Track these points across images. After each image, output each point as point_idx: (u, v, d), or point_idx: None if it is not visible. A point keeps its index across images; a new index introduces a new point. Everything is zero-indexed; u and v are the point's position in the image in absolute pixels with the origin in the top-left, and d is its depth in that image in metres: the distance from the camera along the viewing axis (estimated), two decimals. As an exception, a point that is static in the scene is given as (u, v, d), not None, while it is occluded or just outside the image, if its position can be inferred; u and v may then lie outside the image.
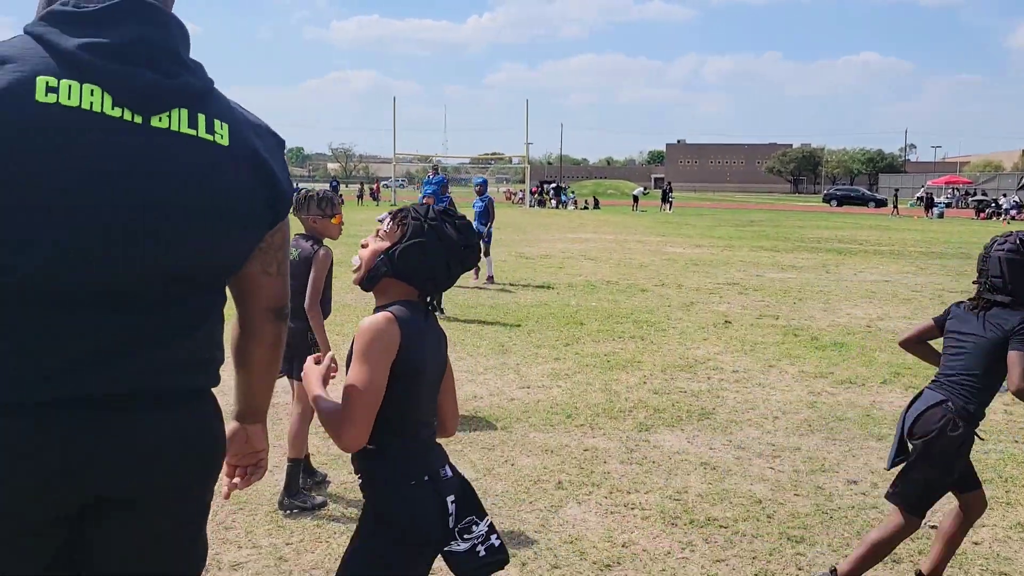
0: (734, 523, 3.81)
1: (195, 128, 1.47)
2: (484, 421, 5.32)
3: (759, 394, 6.11)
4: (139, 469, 1.45)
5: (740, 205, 59.24)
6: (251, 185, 1.55)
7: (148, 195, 1.41)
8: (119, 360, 1.42)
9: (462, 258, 1.99)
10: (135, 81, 1.40)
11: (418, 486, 1.89)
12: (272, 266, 1.67)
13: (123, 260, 1.40)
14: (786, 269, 15.04)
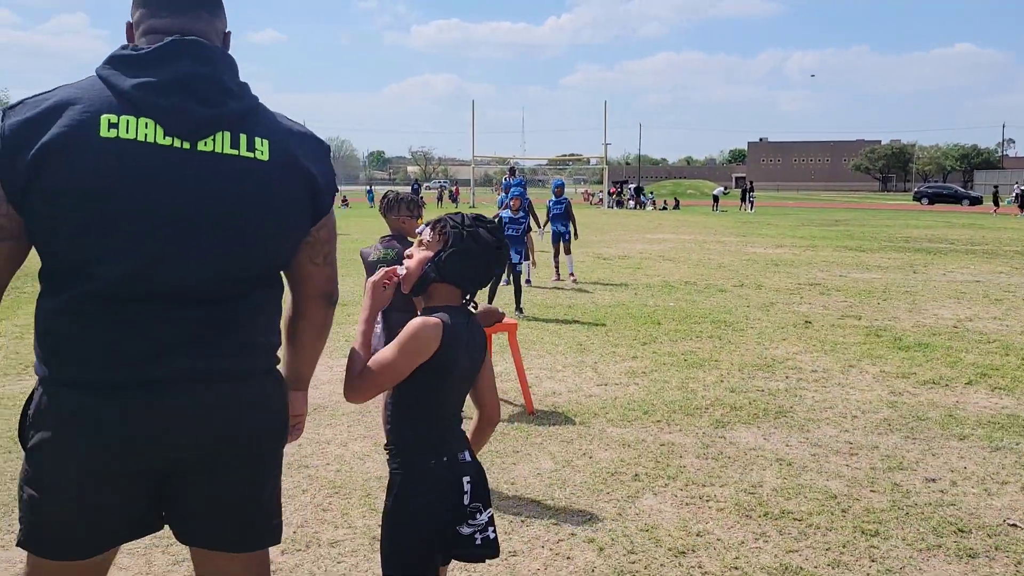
0: (808, 516, 3.89)
1: (237, 148, 1.71)
2: (563, 416, 5.49)
3: (838, 393, 6.11)
4: (213, 438, 1.73)
5: (825, 204, 57.77)
6: (292, 191, 1.78)
7: (200, 211, 1.67)
8: (191, 348, 1.69)
9: (498, 258, 2.23)
10: (180, 113, 1.65)
11: (437, 466, 2.12)
12: (319, 257, 1.91)
13: (184, 268, 1.67)
14: (871, 269, 14.73)
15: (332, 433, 5.11)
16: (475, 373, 2.25)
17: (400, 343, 2.07)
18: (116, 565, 3.33)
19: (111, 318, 1.64)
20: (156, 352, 1.66)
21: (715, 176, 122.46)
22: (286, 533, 3.66)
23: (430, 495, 2.11)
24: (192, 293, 1.70)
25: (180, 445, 1.71)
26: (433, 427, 2.16)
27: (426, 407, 2.15)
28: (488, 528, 2.18)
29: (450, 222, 2.20)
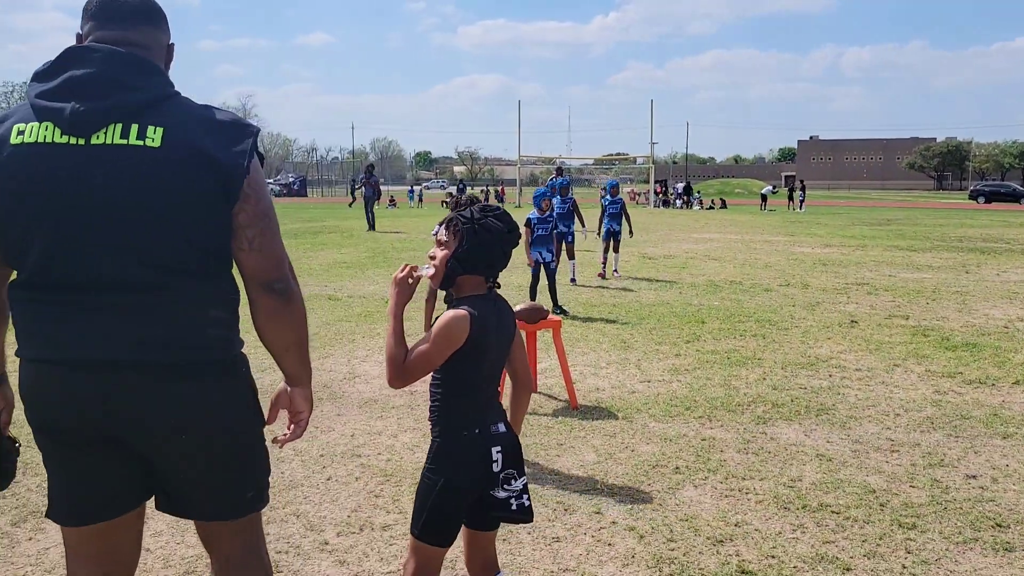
0: (846, 509, 3.97)
1: (126, 138, 1.80)
2: (606, 411, 5.62)
3: (881, 392, 6.14)
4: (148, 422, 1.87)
5: (877, 203, 56.74)
6: (188, 176, 1.81)
7: (97, 201, 1.79)
8: (111, 334, 1.82)
9: (511, 240, 2.44)
10: (69, 112, 1.79)
11: (468, 437, 2.39)
12: (244, 243, 1.90)
13: (89, 256, 1.80)
14: (921, 269, 14.54)
15: (383, 425, 5.31)
16: (506, 348, 2.51)
17: (434, 335, 2.33)
18: (183, 544, 3.57)
19: (39, 305, 1.85)
20: (85, 337, 1.82)
21: (764, 175, 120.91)
22: (340, 516, 3.87)
23: (459, 462, 2.39)
24: (102, 281, 1.82)
25: (119, 423, 1.87)
26: (467, 402, 2.42)
27: (461, 386, 2.41)
28: (523, 495, 2.46)
29: (460, 220, 2.43)
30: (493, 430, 2.43)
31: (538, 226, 9.44)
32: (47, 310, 1.86)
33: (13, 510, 3.89)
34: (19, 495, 4.06)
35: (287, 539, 3.64)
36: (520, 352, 2.60)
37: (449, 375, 2.41)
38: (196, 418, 1.92)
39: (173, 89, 1.94)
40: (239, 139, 1.90)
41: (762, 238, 22.34)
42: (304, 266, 14.45)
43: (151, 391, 1.86)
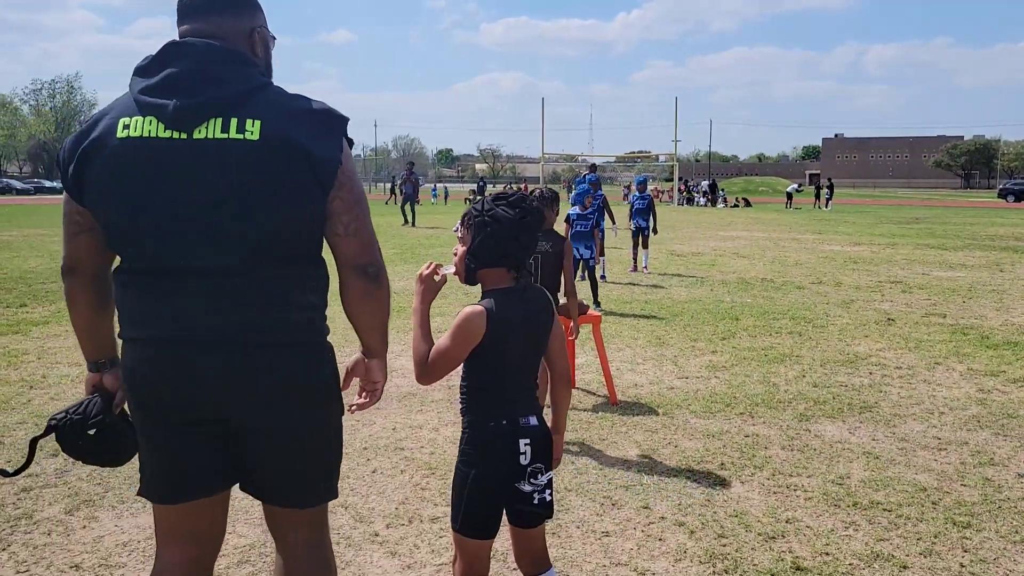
0: (898, 507, 3.92)
1: (227, 131, 1.87)
2: (646, 407, 5.59)
3: (924, 390, 6.06)
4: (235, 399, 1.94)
5: (903, 201, 56.13)
6: (285, 167, 1.87)
7: (198, 190, 1.86)
8: (209, 316, 1.89)
9: (526, 227, 2.37)
10: (168, 109, 1.86)
11: (495, 428, 2.37)
12: (339, 228, 1.97)
13: (189, 241, 1.88)
14: (954, 268, 14.36)
15: (424, 419, 5.31)
16: (538, 340, 2.46)
17: (452, 332, 2.32)
18: (235, 533, 3.58)
19: (144, 290, 1.93)
20: (184, 317, 1.90)
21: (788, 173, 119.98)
22: (388, 508, 3.87)
23: (487, 454, 2.38)
24: (199, 266, 1.89)
25: (211, 401, 1.94)
26: (493, 395, 2.40)
27: (486, 379, 2.40)
28: (546, 490, 2.44)
29: (472, 212, 2.42)
30: (523, 422, 2.40)
31: (577, 222, 9.42)
32: (148, 293, 1.93)
33: (66, 498, 3.93)
34: (70, 484, 4.11)
35: (337, 530, 3.64)
36: (558, 344, 2.54)
37: (474, 369, 2.41)
38: (282, 396, 1.97)
39: (265, 79, 1.98)
40: (332, 130, 1.96)
41: (790, 236, 22.16)
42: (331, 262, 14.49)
43: (242, 369, 1.93)
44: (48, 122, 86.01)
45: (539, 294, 2.49)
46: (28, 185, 65.10)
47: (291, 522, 2.12)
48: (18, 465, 2.15)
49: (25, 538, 3.52)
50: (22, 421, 5.09)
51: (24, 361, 6.69)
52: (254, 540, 3.52)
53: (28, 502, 3.88)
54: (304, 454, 2.06)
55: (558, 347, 2.53)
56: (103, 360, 2.16)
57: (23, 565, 3.29)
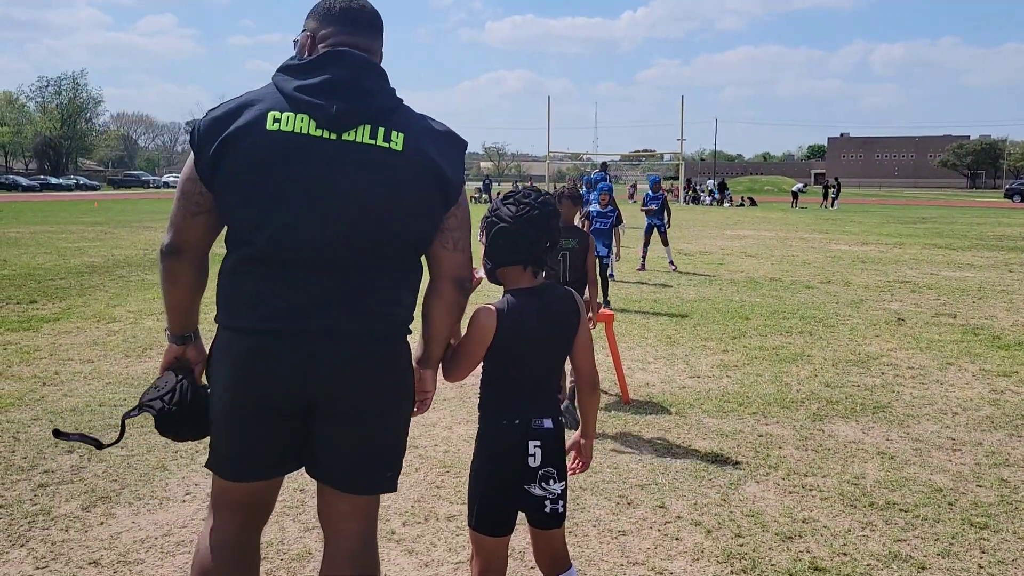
0: (914, 508, 3.91)
1: (375, 139, 1.99)
2: (658, 406, 5.59)
3: (937, 390, 6.05)
4: (339, 387, 2.03)
5: (910, 201, 56.01)
6: (419, 179, 2.02)
7: (340, 189, 1.97)
8: (327, 307, 1.99)
9: (532, 222, 2.37)
10: (326, 110, 1.96)
11: (507, 426, 2.38)
12: (448, 243, 2.13)
13: (323, 234, 1.97)
14: (963, 268, 14.33)
15: (437, 417, 5.31)
16: (560, 342, 2.46)
17: (467, 331, 2.37)
18: (253, 530, 3.59)
19: (260, 279, 2.00)
20: (294, 308, 1.98)
21: (793, 172, 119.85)
22: (404, 507, 3.87)
23: (496, 451, 2.40)
24: (325, 259, 1.98)
25: (312, 390, 2.02)
26: (506, 394, 2.42)
27: (502, 377, 2.42)
28: (559, 501, 2.42)
29: (485, 214, 2.47)
30: (535, 424, 2.38)
31: (597, 219, 9.43)
32: (267, 282, 2.01)
33: (82, 495, 3.94)
34: (87, 480, 4.11)
35: (353, 528, 3.64)
36: (584, 348, 2.51)
37: (489, 367, 2.43)
38: (376, 386, 2.08)
39: (400, 99, 2.13)
40: (459, 152, 2.14)
41: (797, 235, 22.12)
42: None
43: (351, 360, 2.03)
44: (54, 119, 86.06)
45: (564, 295, 2.48)
46: (34, 182, 65.26)
47: (348, 512, 2.19)
48: (113, 439, 2.25)
49: (43, 534, 3.53)
50: (36, 417, 5.10)
51: (36, 358, 6.71)
52: (271, 538, 3.52)
53: (45, 498, 3.89)
54: (379, 442, 2.15)
55: (584, 351, 2.51)
56: (188, 334, 2.25)
57: (42, 561, 3.29)
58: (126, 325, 8.16)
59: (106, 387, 5.82)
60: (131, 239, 17.91)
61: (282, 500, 3.91)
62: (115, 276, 11.85)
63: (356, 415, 2.08)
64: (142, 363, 6.56)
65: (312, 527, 3.62)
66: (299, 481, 4.15)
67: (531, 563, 3.31)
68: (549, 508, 2.41)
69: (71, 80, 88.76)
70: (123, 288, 10.67)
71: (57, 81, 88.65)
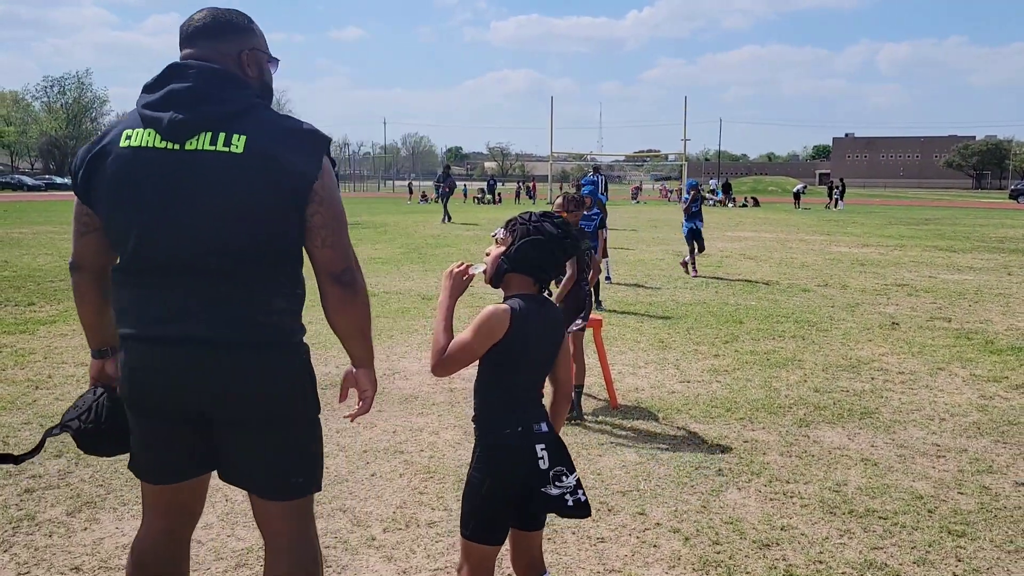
0: (894, 515, 3.93)
1: (215, 144, 2.03)
2: (646, 411, 5.61)
3: (926, 396, 6.06)
4: (218, 396, 2.07)
5: (914, 202, 55.89)
6: (263, 180, 2.02)
7: (184, 197, 2.02)
8: (196, 314, 2.04)
9: (564, 248, 2.48)
10: (164, 122, 2.04)
11: (511, 433, 2.40)
12: (317, 240, 2.11)
13: (178, 243, 2.03)
14: (963, 270, 14.31)
15: (424, 422, 5.34)
16: (551, 355, 2.52)
17: (475, 326, 2.37)
18: (234, 536, 3.63)
19: (132, 288, 2.10)
20: (165, 315, 2.06)
21: (798, 172, 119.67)
22: (386, 512, 3.90)
23: (503, 460, 2.41)
24: (188, 267, 2.04)
25: (191, 393, 2.07)
26: (508, 401, 2.44)
27: (501, 383, 2.44)
28: (578, 491, 2.44)
29: (519, 219, 2.53)
30: (536, 429, 2.43)
31: (582, 223, 9.46)
32: (139, 292, 2.10)
33: (67, 500, 3.98)
34: (72, 485, 4.15)
35: (334, 534, 3.68)
36: (565, 360, 2.61)
37: (490, 372, 2.45)
38: (258, 394, 2.09)
39: (258, 101, 2.15)
40: (312, 148, 2.12)
41: (798, 237, 22.11)
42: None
43: (223, 368, 2.06)
44: (59, 118, 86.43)
45: (554, 309, 2.56)
46: (39, 181, 65.50)
47: (274, 513, 2.23)
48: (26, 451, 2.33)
49: (27, 539, 3.57)
50: (27, 421, 5.14)
51: (31, 361, 6.75)
52: (252, 543, 3.55)
53: (31, 503, 3.93)
54: (278, 449, 2.17)
55: (564, 363, 2.60)
56: (105, 348, 2.35)
57: (24, 567, 3.33)
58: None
59: (98, 391, 5.85)
60: (132, 240, 17.96)
61: (265, 506, 3.95)
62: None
63: (248, 424, 2.12)
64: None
65: (293, 533, 3.66)
66: (283, 487, 4.19)
67: (507, 569, 3.35)
68: (572, 500, 2.43)
69: (76, 80, 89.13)
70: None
71: (62, 81, 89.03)
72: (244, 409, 2.10)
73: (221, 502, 3.97)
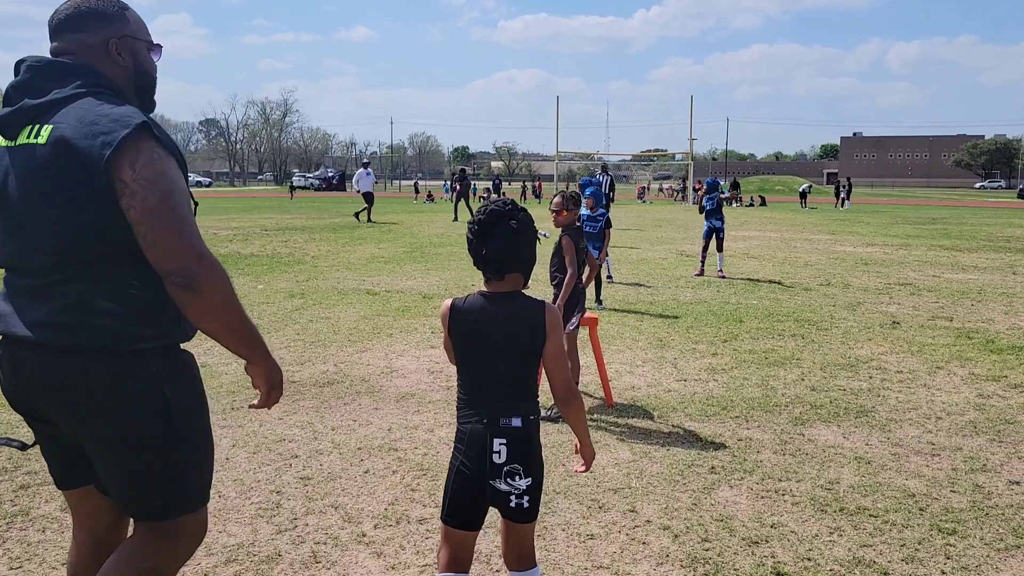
0: (884, 513, 3.92)
1: (32, 137, 2.00)
2: (641, 410, 5.62)
3: (923, 395, 6.05)
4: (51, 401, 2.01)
5: (921, 201, 55.68)
6: (59, 170, 1.93)
7: (11, 194, 2.01)
8: (26, 315, 2.00)
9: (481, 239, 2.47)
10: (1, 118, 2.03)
11: (474, 424, 2.46)
12: (141, 239, 1.93)
13: (12, 240, 2.03)
14: (967, 270, 14.26)
15: (420, 419, 5.36)
16: (520, 351, 2.48)
17: None
18: (225, 532, 3.65)
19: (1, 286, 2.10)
20: (8, 316, 2.04)
21: (805, 172, 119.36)
22: (378, 509, 3.92)
23: (464, 447, 2.48)
24: (25, 267, 2.02)
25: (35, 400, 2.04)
26: (473, 392, 2.49)
27: (464, 375, 2.52)
28: (524, 496, 2.46)
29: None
30: (503, 423, 2.44)
31: (587, 223, 9.49)
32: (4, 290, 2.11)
33: (62, 496, 4.00)
34: (68, 481, 4.18)
35: (325, 530, 3.70)
36: (553, 363, 2.50)
37: (458, 366, 2.54)
38: (89, 406, 1.99)
39: (86, 89, 2.04)
40: (109, 132, 1.93)
41: (803, 236, 22.06)
42: (343, 260, 14.62)
43: (52, 372, 1.99)
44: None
45: (531, 305, 2.49)
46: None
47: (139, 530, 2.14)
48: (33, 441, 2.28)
49: (20, 535, 3.60)
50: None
51: (32, 358, 6.79)
52: (243, 540, 3.58)
53: (25, 499, 3.97)
54: (128, 468, 2.05)
55: (553, 366, 2.51)
56: None
57: (16, 562, 3.36)
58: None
59: (97, 388, 5.89)
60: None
61: (257, 502, 3.97)
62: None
63: (86, 437, 2.02)
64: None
65: (284, 529, 3.68)
66: (276, 484, 4.22)
67: (497, 566, 3.36)
68: (515, 503, 2.46)
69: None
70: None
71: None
72: (76, 420, 1.99)
73: (214, 498, 4.00)
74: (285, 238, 19.34)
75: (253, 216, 29.21)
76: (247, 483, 4.23)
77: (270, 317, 8.85)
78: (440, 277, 12.42)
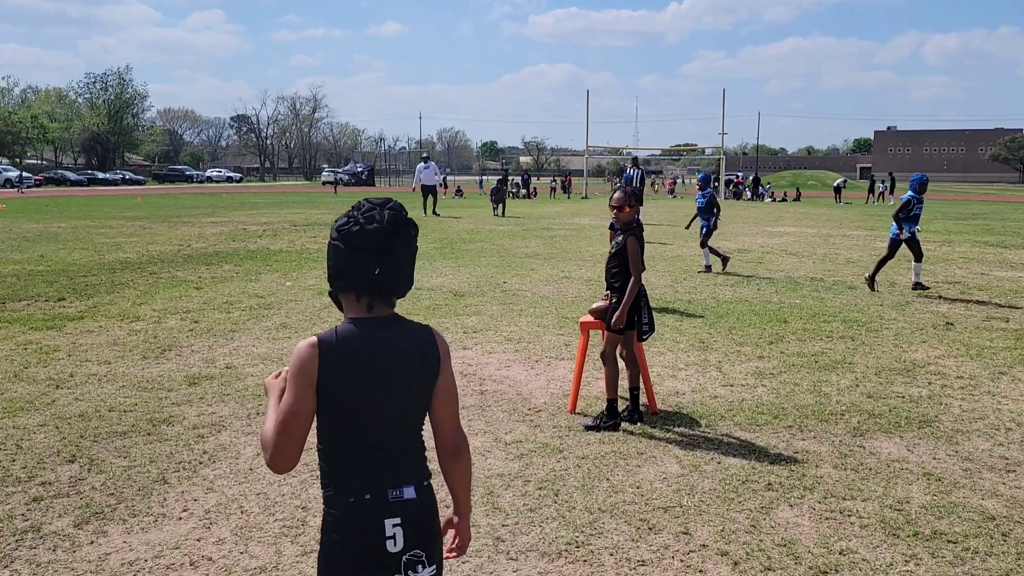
0: (964, 539, 3.58)
1: None
2: (687, 417, 5.29)
3: (988, 403, 5.66)
4: None
5: (959, 196, 54.48)
6: None
7: None
8: None
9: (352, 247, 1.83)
10: None
11: (355, 504, 1.82)
12: None
13: None
14: (1016, 267, 13.71)
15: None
16: (414, 389, 1.90)
17: (288, 378, 1.84)
18: (247, 553, 3.39)
19: None
20: None
21: (838, 166, 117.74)
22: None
23: (345, 538, 1.82)
24: None
25: None
26: (349, 460, 1.84)
27: (335, 437, 1.86)
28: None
29: None
30: (392, 495, 1.83)
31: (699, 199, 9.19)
32: None
33: (76, 510, 3.78)
34: (83, 494, 3.95)
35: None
36: (442, 404, 1.95)
37: (323, 425, 1.86)
38: None
39: None
40: None
41: (840, 232, 21.51)
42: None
43: None
44: (101, 114, 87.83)
45: (417, 330, 1.93)
46: (81, 176, 66.55)
47: None
48: None
49: (30, 554, 3.37)
50: (43, 423, 4.97)
51: (54, 358, 6.62)
52: (266, 562, 3.32)
53: (38, 513, 3.74)
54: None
55: (442, 407, 1.95)
56: None
57: (24, 584, 3.13)
58: (149, 324, 8.07)
59: (119, 391, 5.69)
60: (168, 235, 17.99)
61: (281, 519, 3.72)
62: (146, 272, 11.83)
63: None
64: (159, 365, 6.43)
65: (310, 551, 3.41)
66: (302, 498, 3.96)
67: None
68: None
69: (117, 76, 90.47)
70: (152, 285, 10.63)
71: (104, 77, 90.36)
72: None
73: (236, 514, 3.75)
74: (314, 234, 19.17)
75: (283, 212, 29.13)
76: (271, 497, 3.97)
77: (298, 316, 8.63)
78: (471, 274, 12.14)
